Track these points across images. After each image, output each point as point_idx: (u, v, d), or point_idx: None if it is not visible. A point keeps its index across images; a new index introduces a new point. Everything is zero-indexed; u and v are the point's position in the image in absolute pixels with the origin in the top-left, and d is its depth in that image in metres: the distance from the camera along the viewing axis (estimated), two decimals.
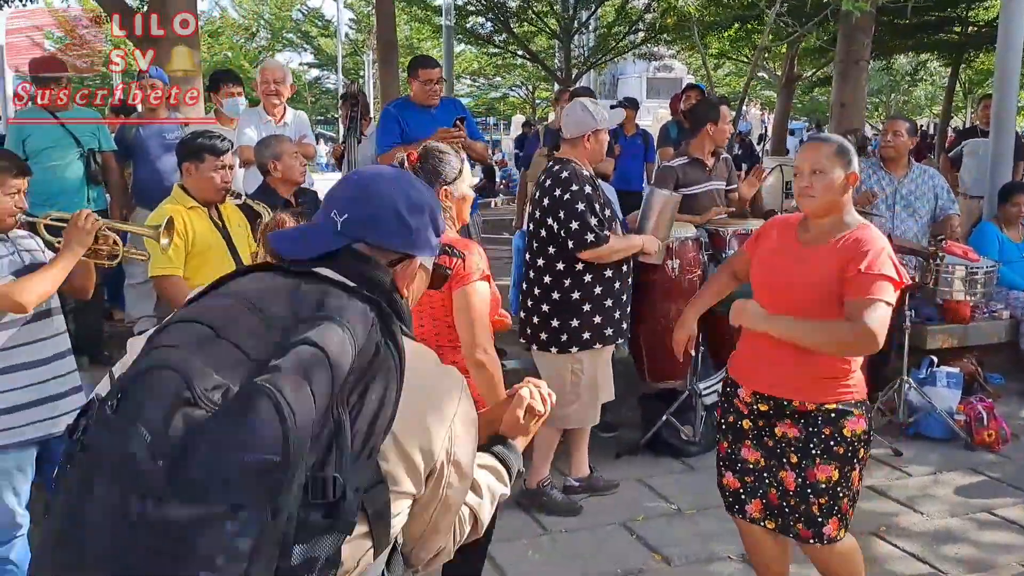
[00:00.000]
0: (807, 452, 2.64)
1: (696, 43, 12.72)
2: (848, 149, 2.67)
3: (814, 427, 2.63)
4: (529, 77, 28.20)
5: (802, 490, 2.66)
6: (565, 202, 3.67)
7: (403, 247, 1.39)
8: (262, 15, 30.72)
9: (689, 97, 7.33)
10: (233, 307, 1.19)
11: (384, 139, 5.04)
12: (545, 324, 3.83)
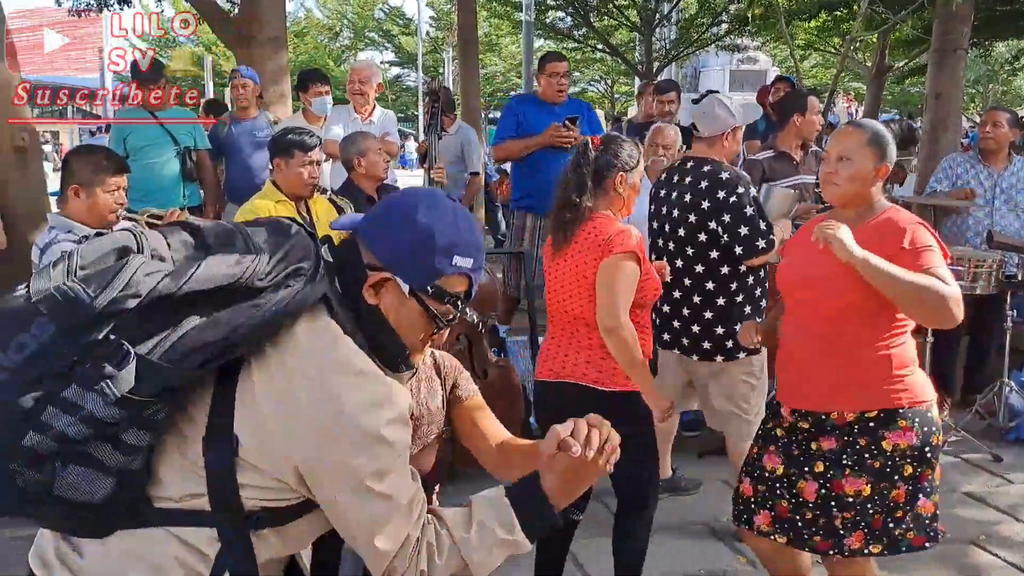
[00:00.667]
0: (838, 462, 2.48)
1: (784, 33, 12.40)
2: (882, 138, 2.52)
3: (850, 437, 2.48)
4: (609, 71, 28.03)
5: (824, 501, 2.50)
6: (731, 205, 3.41)
7: (385, 260, 1.38)
8: (345, 15, 31.32)
9: (778, 89, 7.13)
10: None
11: (500, 131, 5.24)
12: (709, 332, 3.55)
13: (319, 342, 1.30)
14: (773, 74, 18.37)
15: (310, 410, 1.26)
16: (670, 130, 4.73)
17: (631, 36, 20.22)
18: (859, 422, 2.46)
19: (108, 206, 2.96)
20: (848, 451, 2.47)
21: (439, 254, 1.38)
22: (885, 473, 2.44)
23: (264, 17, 6.77)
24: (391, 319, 1.40)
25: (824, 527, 2.51)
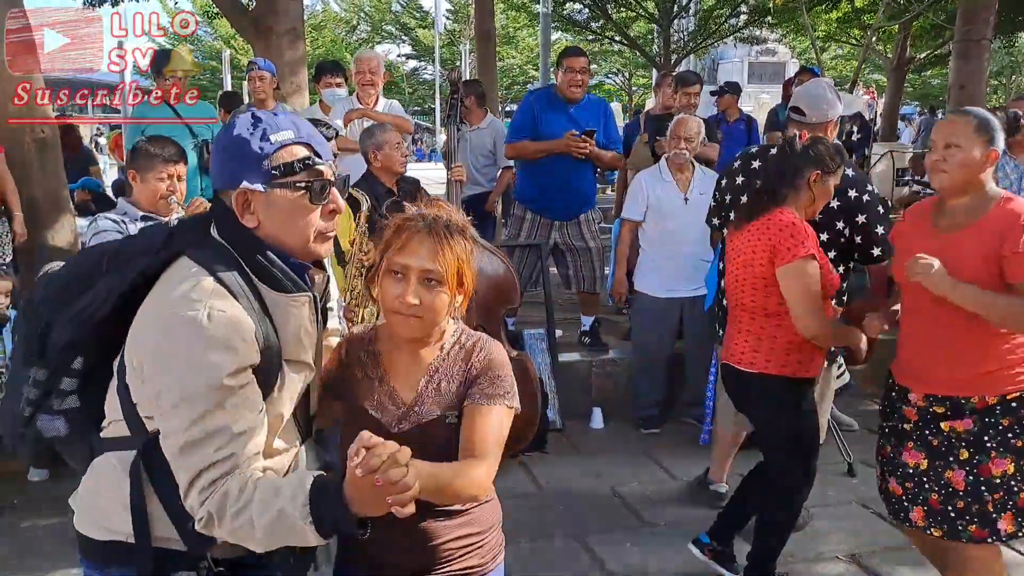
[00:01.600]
0: (981, 446, 2.49)
1: (805, 25, 12.27)
2: (990, 124, 2.50)
3: (991, 418, 2.48)
4: (626, 64, 27.89)
5: (974, 488, 2.50)
6: (866, 205, 3.24)
7: (227, 183, 1.55)
8: (362, 8, 31.33)
9: (801, 81, 7.05)
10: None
11: (515, 129, 5.17)
12: None
13: (165, 285, 1.50)
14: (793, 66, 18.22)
15: (145, 340, 1.48)
16: (693, 121, 4.67)
17: (649, 28, 20.10)
18: (1000, 404, 2.48)
19: (156, 190, 3.07)
20: (991, 432, 2.49)
21: (255, 142, 1.51)
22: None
23: (281, 9, 6.77)
24: (273, 229, 1.53)
25: (978, 513, 2.51)
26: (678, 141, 4.58)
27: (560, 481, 4.17)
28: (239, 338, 1.43)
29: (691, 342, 4.74)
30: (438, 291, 1.61)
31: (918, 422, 2.60)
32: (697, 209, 4.56)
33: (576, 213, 5.14)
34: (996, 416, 2.48)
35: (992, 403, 2.49)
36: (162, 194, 3.05)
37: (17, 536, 3.62)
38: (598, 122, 5.02)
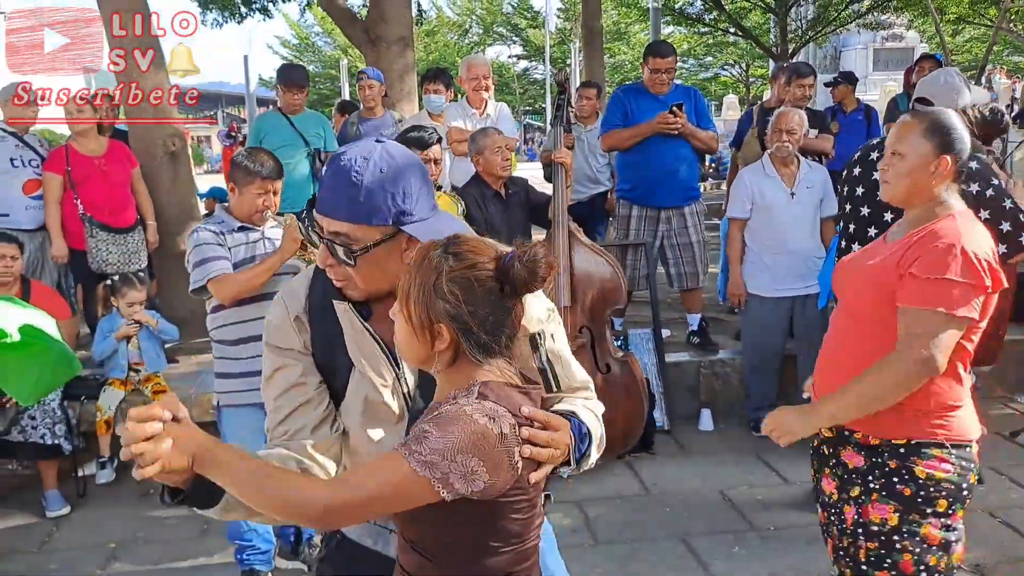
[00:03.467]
0: (867, 485, 2.17)
1: (930, 8, 11.66)
2: (943, 127, 2.16)
3: (879, 458, 2.15)
4: (742, 55, 27.22)
5: (854, 529, 2.19)
6: (989, 200, 3.00)
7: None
8: (474, 11, 31.80)
9: (923, 68, 6.72)
10: None
11: (607, 121, 5.17)
12: None
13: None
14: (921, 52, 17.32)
15: None
16: (794, 114, 4.53)
17: (765, 17, 19.53)
18: (886, 448, 2.14)
19: (253, 205, 3.15)
20: (876, 472, 2.15)
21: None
22: (915, 503, 2.09)
23: (391, 19, 6.96)
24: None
25: (853, 557, 2.20)
26: (780, 134, 4.46)
27: (667, 483, 4.14)
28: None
29: (803, 341, 4.60)
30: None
31: (829, 448, 2.32)
32: (804, 204, 4.43)
33: (681, 201, 5.08)
34: (883, 457, 2.14)
35: (875, 444, 2.16)
36: (258, 208, 3.14)
37: (152, 524, 3.89)
38: (688, 103, 4.96)
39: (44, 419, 3.89)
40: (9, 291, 4.03)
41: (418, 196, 1.52)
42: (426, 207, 1.54)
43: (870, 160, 3.32)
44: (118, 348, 4.37)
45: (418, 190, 1.52)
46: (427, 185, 1.55)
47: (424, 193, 1.54)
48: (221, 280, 3.02)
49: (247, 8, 9.45)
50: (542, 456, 1.40)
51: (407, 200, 1.50)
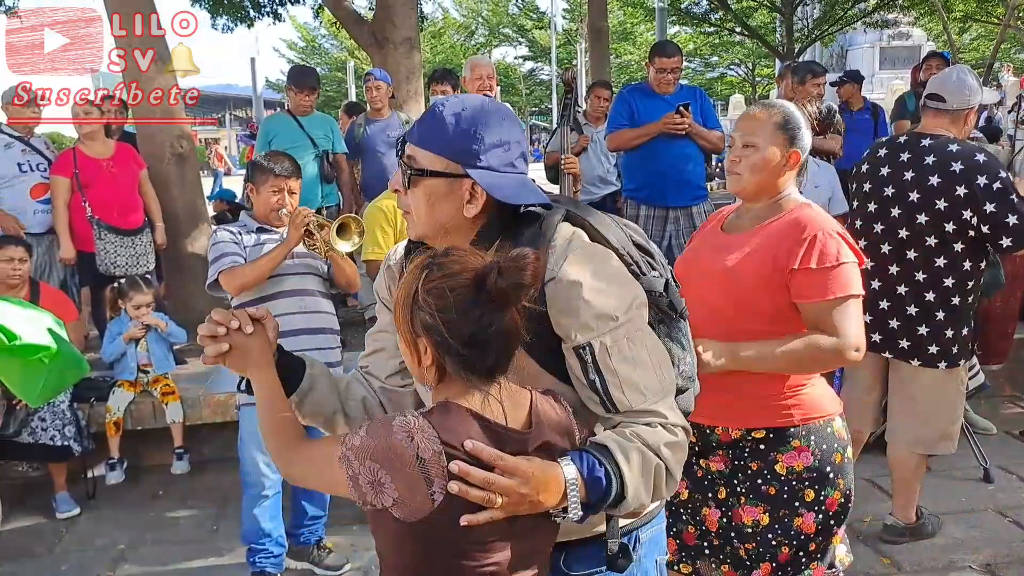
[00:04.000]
0: (733, 489, 2.21)
1: (937, 6, 11.63)
2: (793, 121, 2.22)
3: (740, 461, 2.19)
4: (748, 55, 27.21)
5: (726, 531, 2.24)
6: (996, 193, 2.97)
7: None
8: (480, 13, 31.83)
9: (930, 67, 6.69)
10: None
11: (613, 121, 5.17)
12: (938, 335, 3.13)
13: None
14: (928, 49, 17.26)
15: None
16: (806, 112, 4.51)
17: (771, 17, 19.51)
18: (745, 441, 2.17)
19: (268, 203, 3.17)
20: (740, 476, 2.20)
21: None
22: (782, 500, 2.14)
23: (398, 20, 6.98)
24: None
25: (731, 555, 2.25)
26: None
27: None
28: None
29: None
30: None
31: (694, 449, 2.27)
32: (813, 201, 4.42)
33: (688, 201, 5.07)
34: (745, 458, 2.17)
35: (735, 437, 2.18)
36: (273, 207, 3.14)
37: (162, 525, 3.90)
38: (694, 105, 4.95)
39: (54, 421, 3.90)
40: (18, 293, 4.05)
41: (495, 147, 1.45)
42: (500, 161, 1.46)
43: (879, 157, 3.31)
44: (127, 350, 4.38)
45: (497, 142, 1.45)
46: (515, 144, 1.49)
47: (505, 149, 1.46)
48: (229, 272, 3.04)
49: (256, 12, 9.46)
50: (471, 496, 1.25)
51: (478, 143, 1.44)
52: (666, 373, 1.48)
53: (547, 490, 1.30)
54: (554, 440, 1.36)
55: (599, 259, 1.47)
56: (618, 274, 1.47)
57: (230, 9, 9.18)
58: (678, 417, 1.45)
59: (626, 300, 1.44)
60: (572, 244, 1.46)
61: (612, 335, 1.41)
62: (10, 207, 5.08)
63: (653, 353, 1.46)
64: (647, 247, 1.57)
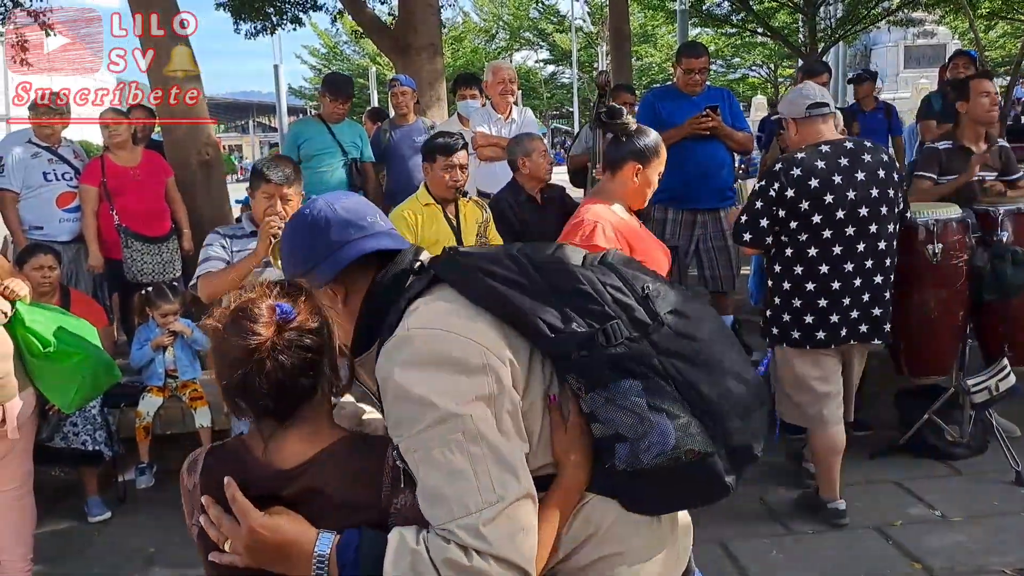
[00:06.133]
0: None
1: (962, 4, 11.49)
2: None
3: None
4: (770, 55, 27.02)
5: None
6: (903, 179, 3.59)
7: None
8: (501, 17, 31.88)
9: (956, 66, 6.62)
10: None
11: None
12: (886, 315, 3.52)
13: None
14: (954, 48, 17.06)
15: None
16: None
17: (793, 17, 19.36)
18: None
19: (258, 210, 3.17)
20: None
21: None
22: None
23: (420, 26, 7.01)
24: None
25: None
26: None
27: None
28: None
29: None
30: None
31: None
32: None
33: (716, 204, 5.05)
34: None
35: None
36: (259, 215, 3.12)
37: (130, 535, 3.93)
38: (722, 106, 4.93)
39: (85, 426, 3.95)
40: (50, 300, 4.11)
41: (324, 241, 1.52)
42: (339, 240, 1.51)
43: (822, 169, 3.34)
44: (155, 357, 4.43)
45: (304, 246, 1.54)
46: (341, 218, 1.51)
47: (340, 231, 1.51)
48: (205, 277, 3.09)
49: (279, 18, 9.54)
50: (211, 534, 1.28)
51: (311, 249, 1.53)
52: (498, 487, 1.22)
53: (288, 553, 1.26)
54: (329, 489, 1.31)
55: (413, 348, 1.28)
56: (442, 365, 1.26)
57: (251, 12, 9.26)
58: (498, 547, 1.19)
59: (441, 399, 1.23)
60: (398, 330, 1.33)
61: (416, 439, 1.25)
62: (36, 216, 5.16)
63: (481, 461, 1.22)
64: (625, 295, 1.36)
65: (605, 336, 1.29)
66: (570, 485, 1.34)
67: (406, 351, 1.28)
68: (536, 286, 1.34)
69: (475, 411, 1.23)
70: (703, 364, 1.35)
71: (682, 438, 1.30)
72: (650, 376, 1.31)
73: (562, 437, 1.33)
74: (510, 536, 1.21)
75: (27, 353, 3.08)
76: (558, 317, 1.31)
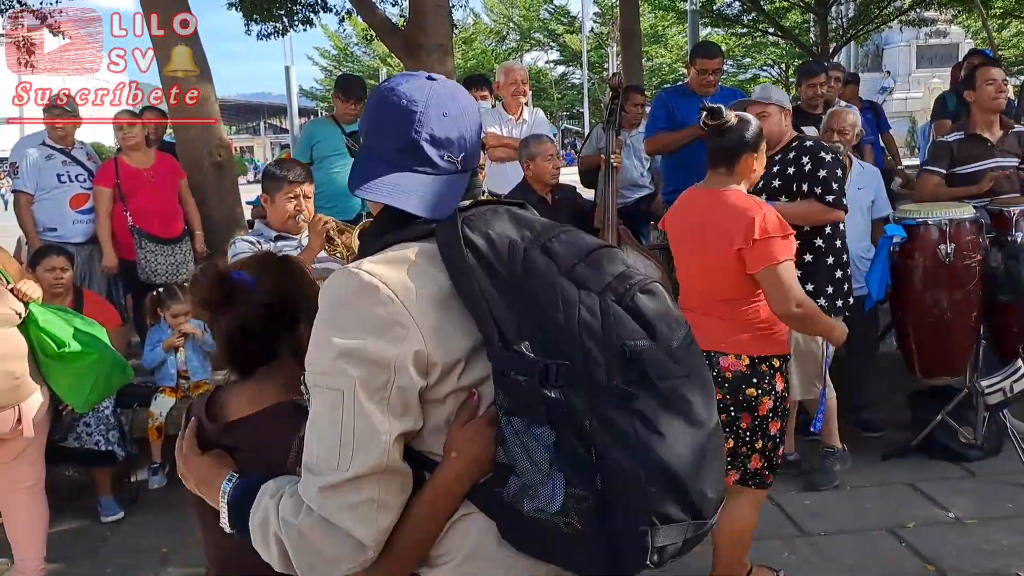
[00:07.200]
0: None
1: (975, 3, 11.43)
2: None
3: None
4: (782, 55, 26.94)
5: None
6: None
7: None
8: (511, 18, 31.91)
9: (971, 64, 6.59)
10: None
11: (651, 124, 5.16)
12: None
13: None
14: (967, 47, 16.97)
15: None
16: (849, 114, 4.46)
17: (804, 17, 19.31)
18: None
19: (285, 210, 3.18)
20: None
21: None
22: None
23: (430, 27, 7.00)
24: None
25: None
26: (831, 134, 4.39)
27: None
28: None
29: (854, 344, 4.53)
30: None
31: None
32: (855, 204, 4.37)
33: None
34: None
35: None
36: (290, 213, 3.15)
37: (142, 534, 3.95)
38: None
39: (98, 426, 3.97)
40: (63, 301, 4.14)
41: (377, 137, 1.38)
42: (387, 154, 1.36)
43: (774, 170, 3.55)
44: (167, 358, 4.46)
45: (378, 130, 1.40)
46: (404, 132, 1.33)
47: (390, 137, 1.34)
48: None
49: (289, 19, 9.57)
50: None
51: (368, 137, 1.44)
52: (343, 455, 1.19)
53: (208, 488, 1.44)
54: (252, 447, 1.48)
55: (347, 289, 1.23)
56: (362, 318, 1.21)
57: (263, 13, 9.29)
58: (329, 513, 1.18)
59: (335, 348, 1.20)
60: (352, 263, 1.28)
61: (312, 375, 1.24)
62: (50, 217, 5.20)
63: (348, 424, 1.19)
64: (597, 341, 1.18)
65: (543, 374, 1.17)
66: (440, 483, 1.25)
67: (342, 287, 1.24)
68: (512, 284, 1.22)
69: (366, 373, 1.19)
70: (639, 445, 1.17)
71: (569, 508, 1.18)
72: (571, 437, 1.17)
73: (456, 433, 1.25)
74: (351, 506, 1.18)
75: (41, 353, 3.11)
76: (514, 329, 1.20)
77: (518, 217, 1.33)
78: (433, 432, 1.26)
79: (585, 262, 1.25)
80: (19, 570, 3.32)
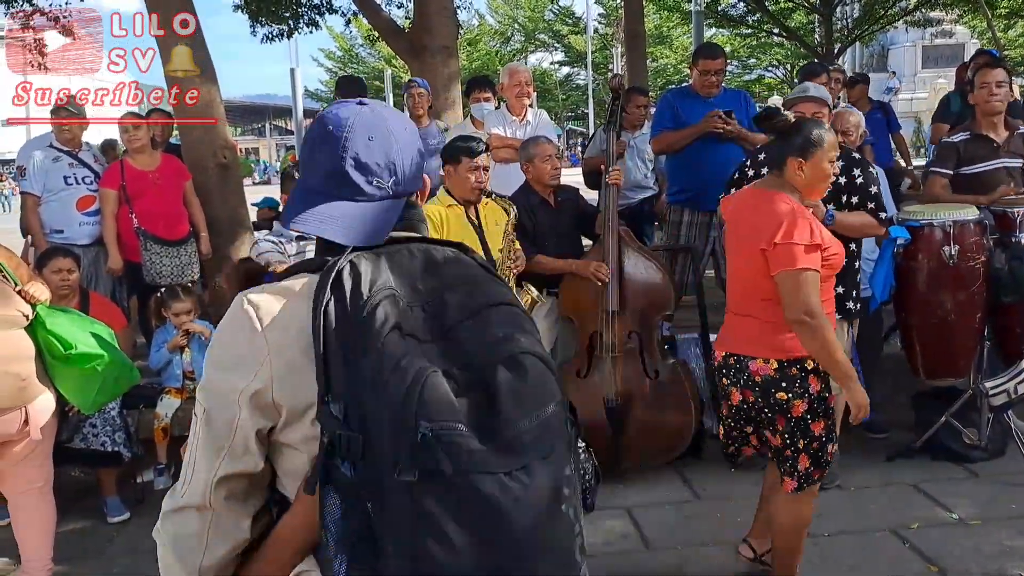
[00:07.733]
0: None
1: (980, 3, 11.41)
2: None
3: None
4: (787, 56, 26.92)
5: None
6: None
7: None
8: (516, 19, 31.94)
9: (978, 65, 6.57)
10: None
11: (656, 124, 5.16)
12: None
13: None
14: (973, 48, 16.94)
15: None
16: (852, 115, 4.46)
17: (809, 17, 19.29)
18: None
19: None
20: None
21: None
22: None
23: (435, 29, 7.03)
24: None
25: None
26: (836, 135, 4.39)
27: (717, 488, 4.10)
28: None
29: (858, 345, 4.54)
30: None
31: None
32: None
33: None
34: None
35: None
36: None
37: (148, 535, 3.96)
38: (739, 109, 4.91)
39: (104, 427, 3.99)
40: (69, 303, 4.15)
41: (311, 167, 1.35)
42: (317, 183, 1.31)
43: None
44: (172, 359, 4.47)
45: (311, 160, 1.35)
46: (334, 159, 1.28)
47: (321, 168, 1.31)
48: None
49: (295, 21, 9.60)
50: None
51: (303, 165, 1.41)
52: (183, 482, 1.23)
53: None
54: None
55: (234, 316, 1.22)
56: (234, 346, 1.20)
57: (268, 15, 9.32)
58: (164, 537, 1.24)
59: (214, 375, 1.22)
60: (252, 290, 1.27)
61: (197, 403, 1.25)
62: (57, 219, 5.22)
63: (192, 450, 1.22)
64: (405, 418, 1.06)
65: (335, 443, 1.09)
66: (280, 532, 1.24)
67: (229, 313, 1.24)
68: (352, 338, 1.12)
69: (213, 405, 1.20)
70: (411, 546, 1.06)
71: None
72: (356, 515, 1.09)
73: (302, 485, 1.21)
74: (173, 536, 1.23)
75: (48, 355, 3.13)
76: (341, 386, 1.11)
77: (427, 263, 1.23)
78: (290, 476, 1.23)
79: (472, 321, 1.16)
80: (25, 570, 3.33)
